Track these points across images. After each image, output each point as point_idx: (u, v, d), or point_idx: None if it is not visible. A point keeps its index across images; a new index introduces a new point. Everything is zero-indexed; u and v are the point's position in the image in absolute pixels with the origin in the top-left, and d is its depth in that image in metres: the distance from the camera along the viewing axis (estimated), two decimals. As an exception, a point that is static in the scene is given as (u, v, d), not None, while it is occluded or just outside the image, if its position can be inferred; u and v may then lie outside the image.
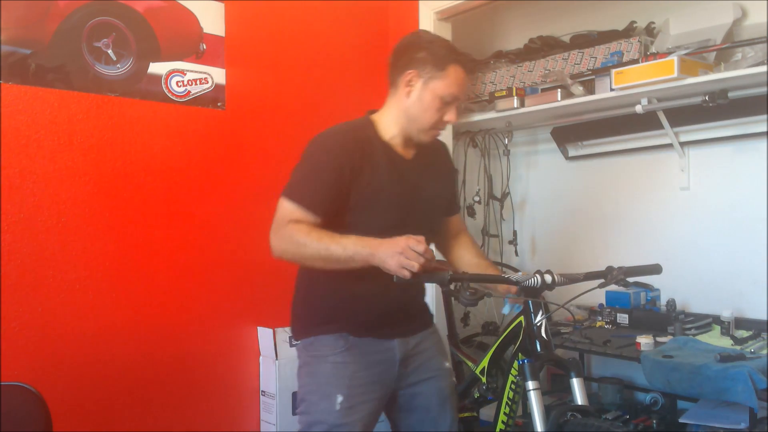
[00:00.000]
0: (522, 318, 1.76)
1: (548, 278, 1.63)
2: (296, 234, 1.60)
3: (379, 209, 1.69)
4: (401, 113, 1.74)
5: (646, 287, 1.79)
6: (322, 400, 1.69)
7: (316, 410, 1.70)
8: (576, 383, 1.62)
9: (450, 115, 1.71)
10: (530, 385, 1.58)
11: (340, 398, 1.67)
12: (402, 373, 1.78)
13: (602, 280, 1.70)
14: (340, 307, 1.72)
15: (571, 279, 1.67)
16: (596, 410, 2.51)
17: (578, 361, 1.68)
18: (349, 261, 1.55)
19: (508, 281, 1.64)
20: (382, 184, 1.69)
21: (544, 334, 1.64)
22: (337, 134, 1.74)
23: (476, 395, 2.07)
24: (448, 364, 1.93)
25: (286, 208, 1.64)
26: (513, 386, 1.88)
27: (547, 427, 1.54)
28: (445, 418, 1.84)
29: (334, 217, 1.65)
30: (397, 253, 1.46)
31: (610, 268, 1.72)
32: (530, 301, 1.65)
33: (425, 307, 1.92)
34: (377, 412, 1.77)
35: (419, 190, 1.77)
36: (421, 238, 1.49)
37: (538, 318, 1.65)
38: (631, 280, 1.72)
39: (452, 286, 1.86)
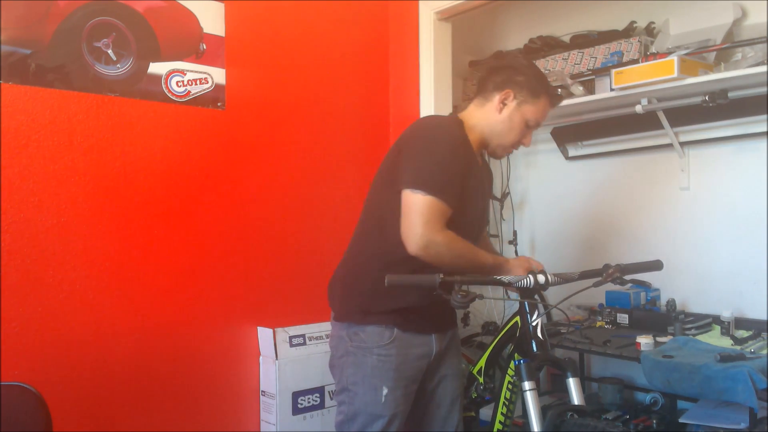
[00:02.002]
0: (518, 318, 1.76)
1: (541, 278, 1.63)
2: (453, 243, 1.65)
3: (468, 208, 1.77)
4: (487, 125, 1.83)
5: (644, 284, 1.78)
6: (368, 391, 1.75)
7: (360, 401, 1.76)
8: (572, 383, 1.62)
9: (527, 140, 1.86)
10: (527, 385, 1.59)
11: (385, 390, 1.74)
12: (432, 367, 1.86)
13: (598, 279, 1.69)
14: (391, 298, 1.74)
15: (565, 278, 1.67)
16: (596, 410, 2.52)
17: (574, 361, 1.68)
18: (483, 270, 1.71)
19: (500, 283, 1.64)
20: (471, 186, 1.78)
21: (540, 335, 1.64)
22: (452, 126, 1.79)
23: (474, 395, 2.07)
24: (463, 365, 2.01)
25: (434, 206, 1.64)
26: (510, 386, 1.88)
27: (543, 427, 1.54)
28: (453, 417, 1.91)
29: None
30: (517, 265, 1.73)
31: (606, 266, 1.71)
32: (526, 302, 1.65)
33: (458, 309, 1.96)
34: (412, 399, 1.84)
35: (485, 195, 1.92)
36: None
37: (534, 318, 1.65)
38: (628, 277, 1.71)
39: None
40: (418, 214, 1.62)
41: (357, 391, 1.77)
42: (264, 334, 2.57)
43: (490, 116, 1.81)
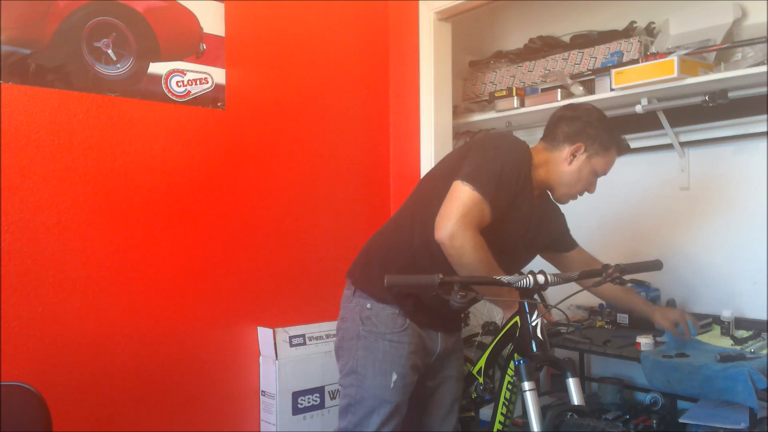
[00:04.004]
0: (518, 318, 1.76)
1: (540, 278, 1.62)
2: (479, 248, 1.64)
3: (504, 231, 1.76)
4: (555, 173, 1.84)
5: (643, 284, 1.78)
6: (378, 376, 1.77)
7: (370, 385, 1.78)
8: (572, 383, 1.62)
9: (593, 188, 1.90)
10: (526, 385, 1.59)
11: (395, 376, 1.76)
12: (434, 365, 1.88)
13: (598, 279, 1.69)
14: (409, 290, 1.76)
15: (564, 279, 1.66)
16: (596, 410, 2.52)
17: (574, 361, 1.67)
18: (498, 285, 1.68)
19: (499, 283, 1.63)
20: (518, 212, 1.78)
21: (539, 335, 1.64)
22: (524, 151, 1.82)
23: (473, 395, 2.07)
24: (468, 366, 2.03)
25: (477, 203, 1.65)
26: (510, 386, 1.88)
27: (543, 427, 1.54)
28: (451, 419, 1.94)
29: None
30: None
31: (605, 266, 1.71)
32: (525, 302, 1.65)
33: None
34: (410, 396, 1.85)
35: (535, 228, 1.89)
36: None
37: (534, 318, 1.65)
38: (628, 277, 1.71)
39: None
40: (459, 202, 1.64)
41: (366, 375, 1.79)
42: (264, 334, 2.57)
43: (558, 166, 1.83)
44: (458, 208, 1.63)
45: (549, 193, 1.93)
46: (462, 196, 1.64)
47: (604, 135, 1.81)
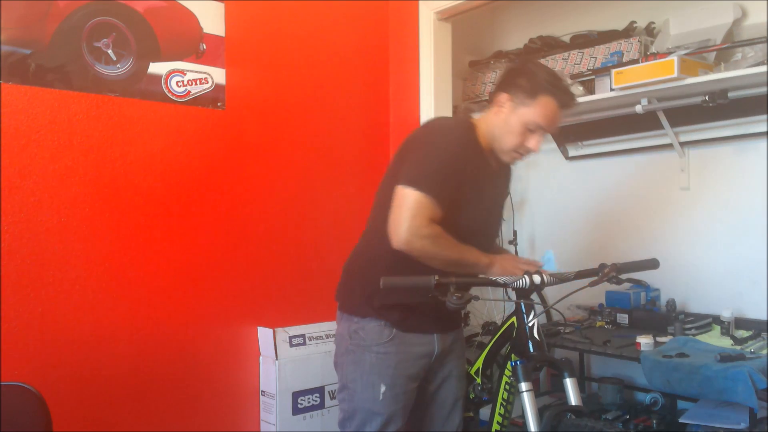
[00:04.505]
0: (514, 318, 1.76)
1: (537, 278, 1.62)
2: (438, 238, 1.64)
3: (469, 213, 1.75)
4: (488, 129, 1.80)
5: (640, 283, 1.78)
6: (366, 389, 1.76)
7: (359, 398, 1.77)
8: (569, 383, 1.62)
9: (532, 143, 1.77)
10: (523, 386, 1.58)
11: (383, 388, 1.75)
12: (434, 367, 1.86)
13: (594, 278, 1.68)
14: (395, 296, 1.74)
15: (561, 278, 1.66)
16: (596, 410, 2.52)
17: (571, 361, 1.67)
18: (473, 267, 1.70)
19: (496, 284, 1.63)
20: (476, 189, 1.76)
21: (536, 335, 1.64)
22: (458, 129, 1.80)
23: (471, 396, 2.07)
24: (467, 366, 2.01)
25: (422, 203, 1.64)
26: (507, 387, 1.88)
27: (541, 427, 1.53)
28: (454, 418, 1.92)
29: None
30: (506, 262, 1.74)
31: (602, 266, 1.70)
32: (522, 302, 1.65)
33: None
34: (412, 402, 1.84)
35: (496, 200, 1.89)
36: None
37: (530, 319, 1.64)
38: (624, 276, 1.70)
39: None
40: (404, 208, 1.63)
41: (356, 389, 1.79)
42: (264, 334, 2.57)
43: (491, 120, 1.79)
44: (405, 213, 1.62)
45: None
46: (406, 200, 1.63)
47: (532, 83, 1.71)
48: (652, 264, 1.76)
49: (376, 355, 1.76)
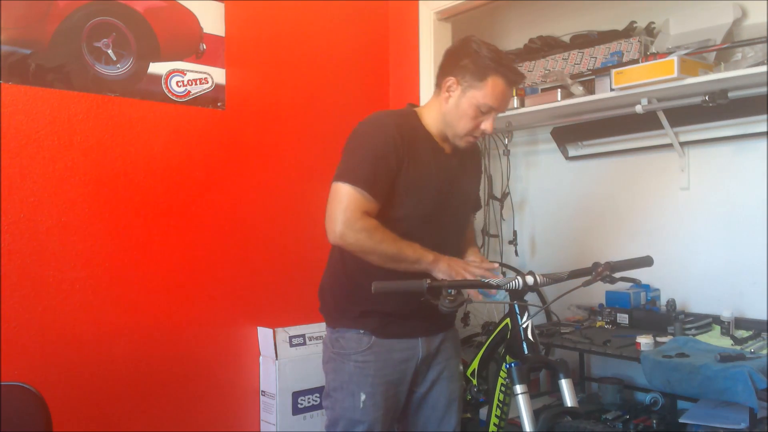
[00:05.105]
0: (508, 320, 1.75)
1: (530, 279, 1.61)
2: (374, 231, 1.62)
3: (419, 199, 1.72)
4: (439, 115, 1.77)
5: (634, 281, 1.76)
6: (347, 397, 1.75)
7: (341, 407, 1.77)
8: (565, 384, 1.60)
9: (486, 125, 1.74)
10: (518, 389, 1.57)
11: (363, 396, 1.73)
12: (421, 369, 1.83)
13: (588, 278, 1.67)
14: (368, 304, 1.73)
15: (554, 279, 1.64)
16: (596, 410, 2.52)
17: (566, 361, 1.66)
18: (414, 264, 1.64)
19: (488, 285, 1.62)
20: (424, 174, 1.73)
21: (530, 336, 1.63)
22: (388, 118, 1.77)
23: (468, 397, 2.06)
24: (461, 367, 1.98)
25: (353, 195, 1.63)
26: (503, 388, 1.87)
27: (537, 428, 1.53)
28: (450, 419, 1.89)
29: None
30: (455, 263, 1.67)
31: (596, 264, 1.68)
32: (516, 304, 1.64)
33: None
34: (399, 406, 1.83)
35: (456, 183, 1.82)
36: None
37: (524, 320, 1.64)
38: (618, 275, 1.68)
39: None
40: (336, 202, 1.63)
41: (337, 397, 1.78)
42: (264, 334, 2.57)
43: (441, 106, 1.75)
44: (337, 207, 1.62)
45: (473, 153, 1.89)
46: (338, 195, 1.63)
47: (478, 64, 1.66)
48: (646, 261, 1.74)
49: (355, 364, 1.75)
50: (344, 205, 1.62)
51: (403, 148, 1.69)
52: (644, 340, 2.20)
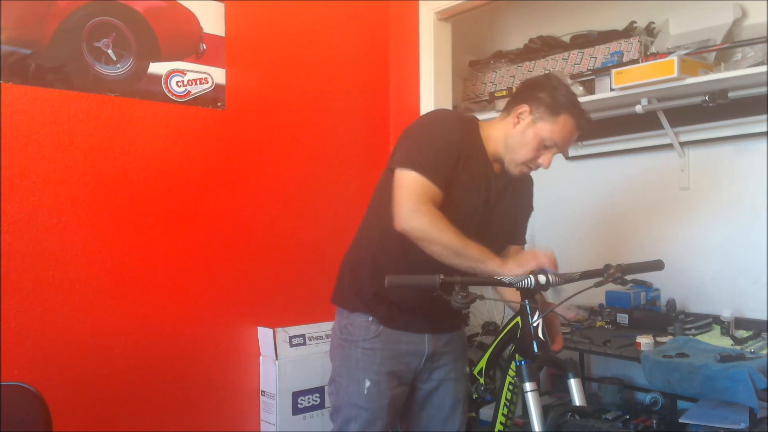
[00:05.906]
0: (519, 319, 1.76)
1: (542, 278, 1.61)
2: (438, 220, 1.60)
3: (457, 205, 1.71)
4: (502, 138, 1.77)
5: (644, 284, 1.77)
6: (351, 383, 1.78)
7: (345, 392, 1.80)
8: (573, 384, 1.61)
9: (544, 159, 1.75)
10: (528, 386, 1.58)
11: (368, 383, 1.76)
12: (426, 367, 1.85)
13: (600, 279, 1.68)
14: (382, 294, 1.74)
15: (566, 279, 1.65)
16: (596, 410, 2.52)
17: (575, 361, 1.67)
18: (479, 262, 1.60)
19: (501, 283, 1.62)
20: (471, 183, 1.74)
21: (541, 335, 1.64)
22: (453, 116, 1.80)
23: (474, 396, 2.07)
24: (467, 369, 1.99)
25: (420, 182, 1.63)
26: (511, 387, 1.88)
27: (545, 427, 1.53)
28: (454, 420, 1.90)
29: None
30: (521, 256, 1.66)
31: (607, 266, 1.70)
32: (527, 302, 1.65)
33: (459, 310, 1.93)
34: (403, 398, 1.84)
35: (497, 207, 1.82)
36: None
37: (535, 318, 1.64)
38: (629, 277, 1.70)
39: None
40: (405, 188, 1.63)
41: (342, 383, 1.81)
42: (264, 334, 2.57)
43: (506, 130, 1.77)
44: (405, 192, 1.63)
45: (521, 181, 1.88)
46: (404, 180, 1.64)
47: (555, 100, 1.69)
48: (658, 265, 1.75)
49: (362, 351, 1.78)
50: (411, 191, 1.62)
51: (462, 148, 1.71)
52: (644, 340, 2.20)
